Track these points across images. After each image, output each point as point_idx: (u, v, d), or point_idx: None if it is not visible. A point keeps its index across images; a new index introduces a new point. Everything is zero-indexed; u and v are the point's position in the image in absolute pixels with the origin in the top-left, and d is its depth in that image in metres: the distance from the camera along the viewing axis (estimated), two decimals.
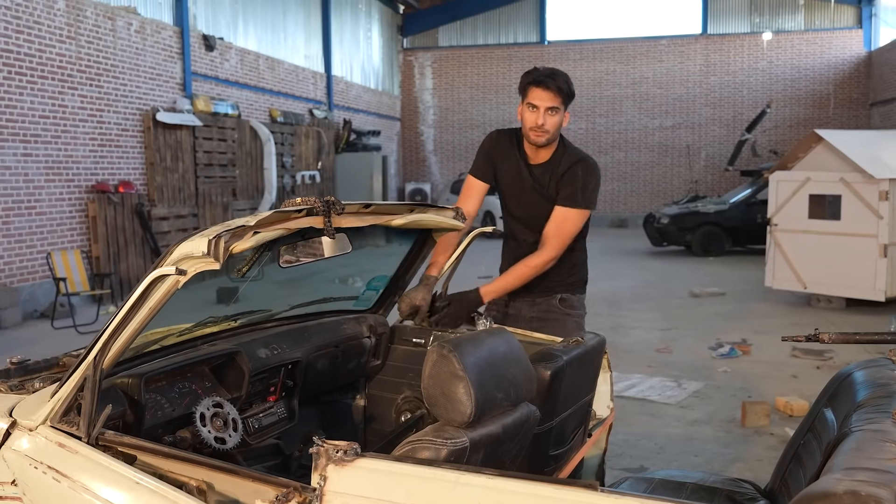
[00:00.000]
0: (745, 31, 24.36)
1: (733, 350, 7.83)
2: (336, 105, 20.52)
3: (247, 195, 15.42)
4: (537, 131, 3.37)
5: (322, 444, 1.83)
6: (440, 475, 1.72)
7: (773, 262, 10.58)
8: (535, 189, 3.47)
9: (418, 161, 26.38)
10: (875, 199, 9.43)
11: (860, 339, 2.60)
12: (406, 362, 3.48)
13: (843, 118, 23.55)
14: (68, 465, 2.15)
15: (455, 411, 1.97)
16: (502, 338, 2.21)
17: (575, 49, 25.28)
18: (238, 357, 2.84)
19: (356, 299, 3.71)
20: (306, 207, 2.43)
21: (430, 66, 26.22)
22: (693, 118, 24.53)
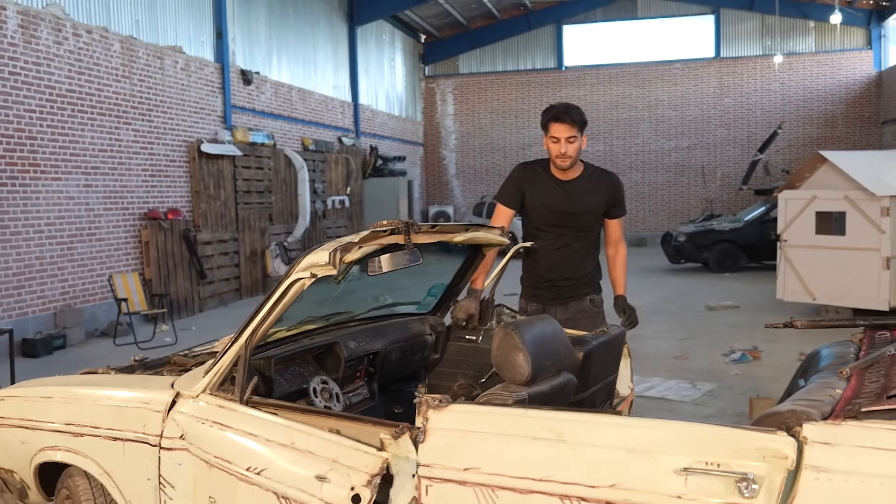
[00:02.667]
0: (757, 54, 25.09)
1: (744, 356, 8.50)
2: (363, 132, 21.43)
3: (282, 220, 16.27)
4: (562, 158, 4.15)
5: (422, 396, 2.58)
6: (511, 412, 2.47)
7: (783, 275, 11.23)
8: (573, 199, 4.24)
9: (441, 184, 27.22)
10: (877, 214, 10.07)
11: (825, 325, 3.33)
12: (460, 356, 4.24)
13: (855, 137, 24.16)
14: (230, 419, 2.92)
15: (517, 373, 2.73)
16: (549, 322, 2.97)
17: (591, 74, 26.09)
18: (336, 347, 3.62)
19: (419, 304, 4.46)
20: (391, 228, 3.20)
21: (451, 93, 27.13)
22: (708, 139, 25.23)
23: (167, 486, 3.10)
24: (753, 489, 2.03)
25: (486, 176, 26.83)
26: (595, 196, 4.27)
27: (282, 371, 3.41)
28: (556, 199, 4.26)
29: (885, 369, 2.61)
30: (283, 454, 2.73)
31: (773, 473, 2.03)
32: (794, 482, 2.00)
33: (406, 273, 4.45)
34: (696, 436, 2.18)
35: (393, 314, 4.29)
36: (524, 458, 2.34)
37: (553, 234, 4.31)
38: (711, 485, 2.09)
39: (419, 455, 2.50)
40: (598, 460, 2.25)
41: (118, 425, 3.28)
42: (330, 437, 2.65)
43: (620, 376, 3.90)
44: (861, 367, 2.66)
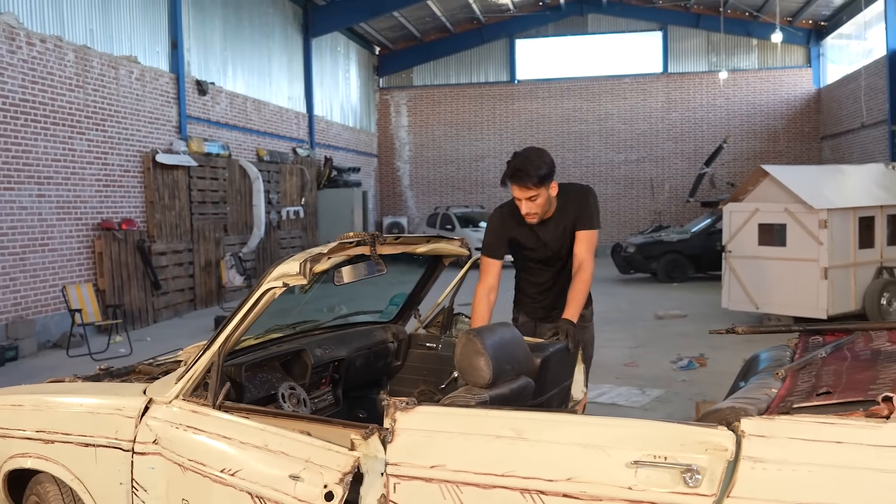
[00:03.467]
0: (703, 70, 25.79)
1: (692, 363, 8.80)
2: (318, 143, 21.50)
3: (237, 230, 16.24)
4: (528, 217, 4.02)
5: (390, 399, 2.73)
6: (474, 412, 2.63)
7: (728, 285, 11.60)
8: (550, 242, 4.14)
9: (395, 195, 27.36)
10: (815, 227, 10.48)
11: (764, 331, 3.57)
12: (421, 363, 4.40)
13: (796, 151, 24.96)
14: (204, 423, 3.03)
15: (479, 377, 2.89)
16: (509, 329, 3.14)
17: (543, 87, 26.52)
18: (303, 354, 3.75)
19: (381, 312, 4.61)
20: (358, 239, 3.35)
21: (405, 105, 27.32)
22: (656, 152, 25.81)
23: (140, 489, 3.20)
24: (697, 479, 2.22)
25: (440, 187, 27.06)
26: (565, 226, 4.13)
27: (251, 377, 3.53)
28: (534, 247, 4.18)
29: (816, 371, 2.84)
30: (256, 455, 2.85)
31: (715, 464, 2.22)
32: (733, 472, 2.20)
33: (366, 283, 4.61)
34: (645, 432, 2.36)
35: (357, 322, 4.43)
36: (487, 456, 2.51)
37: (538, 270, 4.28)
38: (659, 476, 2.27)
39: (387, 454, 2.64)
40: (555, 456, 2.42)
41: (90, 431, 3.36)
42: (302, 438, 2.78)
43: (574, 381, 4.08)
44: (795, 368, 2.89)
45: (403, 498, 2.60)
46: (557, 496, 2.38)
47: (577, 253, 4.11)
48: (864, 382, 2.51)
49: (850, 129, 21.96)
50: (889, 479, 2.04)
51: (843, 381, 2.60)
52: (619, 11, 25.98)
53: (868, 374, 2.61)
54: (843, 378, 2.65)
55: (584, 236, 4.12)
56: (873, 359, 2.87)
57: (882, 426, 2.12)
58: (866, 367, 2.75)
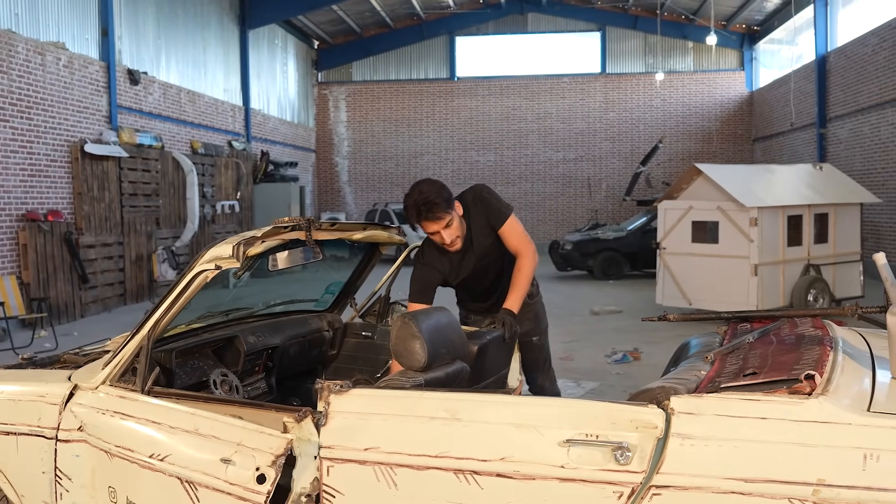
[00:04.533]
0: (640, 71, 26.25)
1: (626, 356, 8.96)
2: (254, 137, 21.22)
3: (170, 224, 15.94)
4: (450, 245, 3.86)
5: (324, 382, 2.72)
6: (409, 394, 2.64)
7: (662, 281, 11.84)
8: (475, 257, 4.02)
9: (333, 191, 27.19)
10: (746, 224, 10.77)
11: (695, 318, 3.65)
12: (356, 352, 4.40)
13: (729, 152, 25.59)
14: (132, 409, 2.97)
15: (413, 360, 2.90)
16: (445, 313, 3.15)
17: (483, 85, 26.65)
18: (237, 340, 3.70)
19: (316, 301, 4.58)
20: (293, 224, 3.32)
21: (344, 100, 27.16)
22: (594, 151, 26.18)
23: (63, 478, 3.12)
24: (627, 456, 2.27)
25: (378, 183, 26.98)
26: (482, 240, 4.00)
27: (182, 364, 3.47)
28: (466, 267, 4.03)
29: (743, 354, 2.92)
30: (186, 440, 2.81)
31: (645, 442, 2.27)
32: (663, 448, 2.25)
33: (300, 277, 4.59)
34: (577, 411, 2.40)
35: (291, 311, 4.40)
36: (421, 437, 2.51)
37: (477, 282, 4.14)
38: (591, 454, 2.31)
39: (321, 437, 2.63)
40: (489, 436, 2.44)
41: (11, 419, 3.26)
42: (234, 421, 2.75)
43: (511, 370, 4.12)
44: (723, 352, 2.97)
45: (337, 481, 2.59)
46: (491, 476, 2.40)
47: (510, 245, 4.04)
48: (789, 363, 2.60)
49: (781, 132, 22.62)
50: (810, 453, 2.12)
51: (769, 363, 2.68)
52: (558, 11, 26.28)
53: (792, 356, 2.70)
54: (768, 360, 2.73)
55: (506, 229, 4.01)
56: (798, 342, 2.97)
57: (804, 402, 2.20)
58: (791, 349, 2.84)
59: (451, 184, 19.23)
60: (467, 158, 26.58)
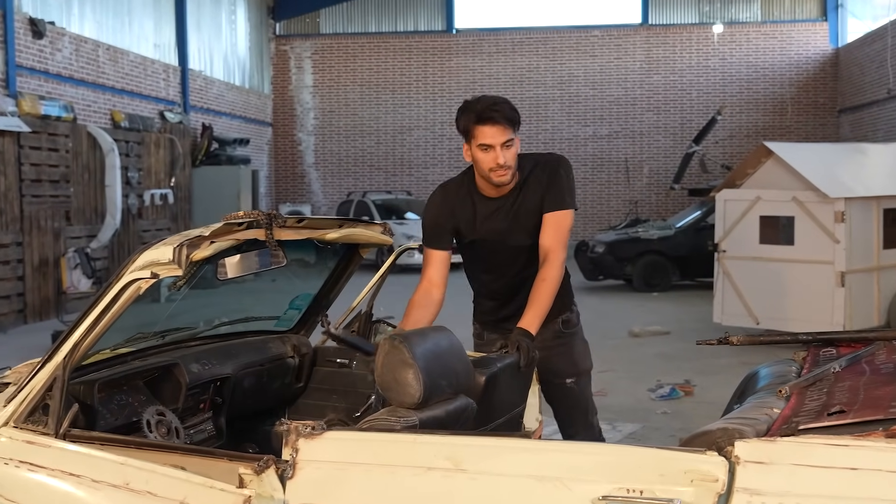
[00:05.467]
0: (692, 22, 26.38)
1: (675, 391, 9.01)
2: (193, 106, 21.28)
3: (84, 219, 15.97)
4: (500, 172, 3.95)
5: (290, 423, 2.75)
6: (400, 438, 2.67)
7: (721, 294, 11.89)
8: (510, 221, 4.10)
9: (295, 177, 27.24)
10: (830, 220, 10.81)
11: (764, 341, 3.71)
12: (330, 384, 4.43)
13: (808, 127, 25.69)
14: (43, 458, 3.01)
15: (406, 394, 2.94)
16: (445, 334, 3.19)
17: (489, 40, 26.72)
18: (176, 370, 3.74)
19: (278, 319, 4.62)
20: (249, 220, 3.36)
21: (309, 59, 27.22)
22: (633, 126, 26.26)
23: None
24: None
25: (354, 167, 27.04)
26: (530, 202, 4.09)
27: (107, 399, 3.51)
28: (490, 228, 4.13)
29: (827, 387, 2.97)
30: (115, 497, 2.84)
31: (703, 498, 2.31)
32: None
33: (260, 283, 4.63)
34: (616, 459, 2.44)
35: (246, 331, 4.43)
36: (416, 492, 2.55)
37: (497, 263, 4.23)
38: None
39: (287, 494, 2.66)
40: (502, 491, 2.48)
41: None
42: (175, 473, 2.78)
43: (528, 406, 4.16)
44: (802, 385, 3.01)
45: None
46: None
47: (543, 241, 4.06)
48: (886, 399, 2.64)
49: (875, 101, 22.68)
50: None
51: (860, 399, 2.72)
52: None
53: (890, 390, 2.74)
54: (859, 395, 2.77)
55: (551, 220, 4.06)
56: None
57: None
58: (888, 381, 2.88)
59: (448, 168, 19.46)
60: None
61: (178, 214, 19.26)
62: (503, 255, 4.19)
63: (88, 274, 15.16)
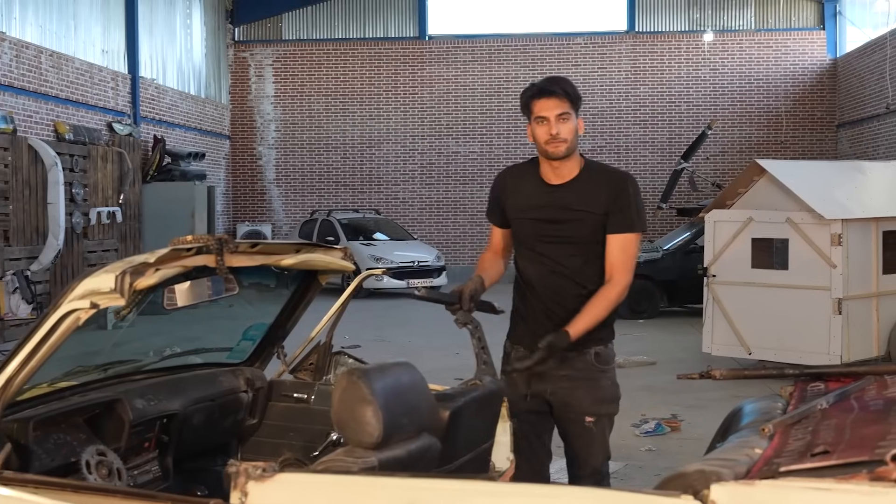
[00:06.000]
0: (681, 29, 26.56)
1: (660, 426, 9.06)
2: (144, 117, 21.22)
3: (23, 239, 15.87)
4: (554, 143, 4.24)
5: (239, 465, 2.77)
6: (357, 481, 2.70)
7: (711, 322, 11.94)
8: (560, 203, 4.33)
9: (255, 193, 27.19)
10: (826, 243, 10.89)
11: (749, 375, 3.76)
12: (286, 420, 4.44)
13: (805, 143, 25.89)
14: None
15: (364, 433, 2.96)
16: (407, 369, 3.22)
17: (465, 47, 26.82)
18: (118, 406, 3.74)
19: (230, 351, 4.63)
20: (198, 246, 3.39)
21: (270, 66, 27.22)
22: (617, 140, 26.40)
23: None
24: None
25: (319, 183, 27.02)
26: (590, 198, 4.30)
27: (42, 438, 3.51)
28: (534, 205, 4.38)
29: (813, 425, 3.00)
30: None
31: None
32: None
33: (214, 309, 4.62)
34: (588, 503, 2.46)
35: (196, 364, 4.44)
36: None
37: (541, 253, 4.40)
38: None
39: None
40: None
41: None
42: None
43: (498, 444, 4.19)
44: (786, 423, 3.05)
45: None
46: None
47: (610, 260, 4.32)
48: (872, 439, 2.67)
49: (875, 115, 22.91)
50: None
51: (846, 438, 2.76)
52: None
53: (878, 429, 2.78)
54: (846, 434, 2.81)
55: (617, 242, 4.31)
56: (886, 410, 3.05)
57: (891, 492, 2.27)
58: (877, 420, 2.92)
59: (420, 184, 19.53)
60: (443, 149, 26.69)
61: (127, 234, 19.17)
62: (542, 237, 4.38)
63: (28, 299, 15.07)
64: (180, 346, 5.11)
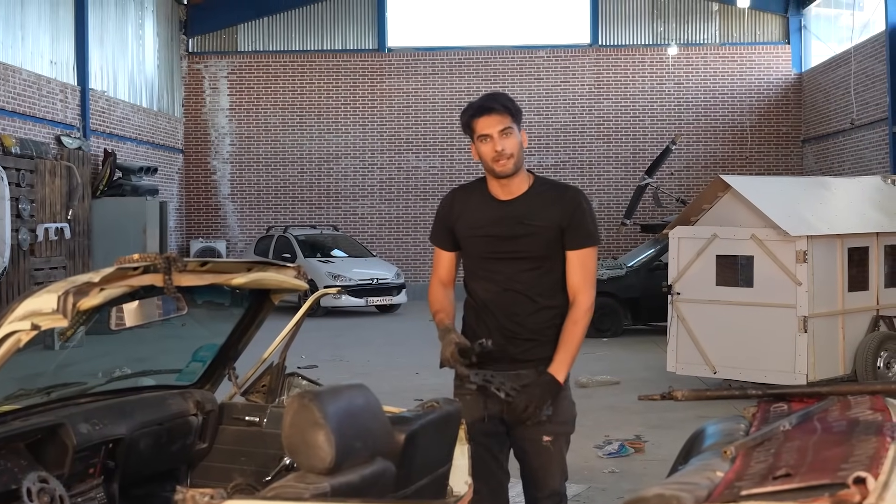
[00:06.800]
0: (645, 43, 26.77)
1: (624, 448, 9.08)
2: (94, 130, 21.07)
3: None
4: (500, 160, 4.28)
5: (186, 491, 2.74)
6: None
7: (675, 340, 11.98)
8: (511, 219, 4.35)
9: (209, 209, 27.06)
10: (792, 260, 10.99)
11: (711, 396, 3.77)
12: (237, 444, 4.41)
13: (770, 158, 26.16)
14: None
15: (316, 458, 2.94)
16: (360, 391, 3.21)
17: (425, 60, 26.89)
18: (62, 431, 3.69)
19: (179, 372, 4.59)
20: (145, 264, 3.36)
21: (225, 78, 27.15)
22: (580, 155, 26.54)
23: None
24: None
25: (276, 198, 26.94)
26: (542, 213, 4.34)
27: None
28: (487, 222, 4.40)
29: (776, 447, 3.02)
30: None
31: None
32: None
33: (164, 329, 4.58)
34: None
35: (143, 387, 4.40)
36: None
37: (494, 270, 4.41)
38: None
39: None
40: None
41: None
42: None
43: (455, 468, 4.18)
44: (749, 445, 3.06)
45: None
46: None
47: (571, 281, 4.36)
48: (834, 461, 2.69)
49: (841, 130, 23.19)
50: None
51: (809, 460, 2.77)
52: None
53: (840, 451, 2.80)
54: (808, 456, 2.82)
55: (577, 258, 4.37)
56: (849, 431, 3.07)
57: None
58: (839, 441, 2.94)
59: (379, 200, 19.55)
60: (403, 163, 26.70)
61: (75, 251, 19.00)
62: (493, 253, 4.40)
63: None
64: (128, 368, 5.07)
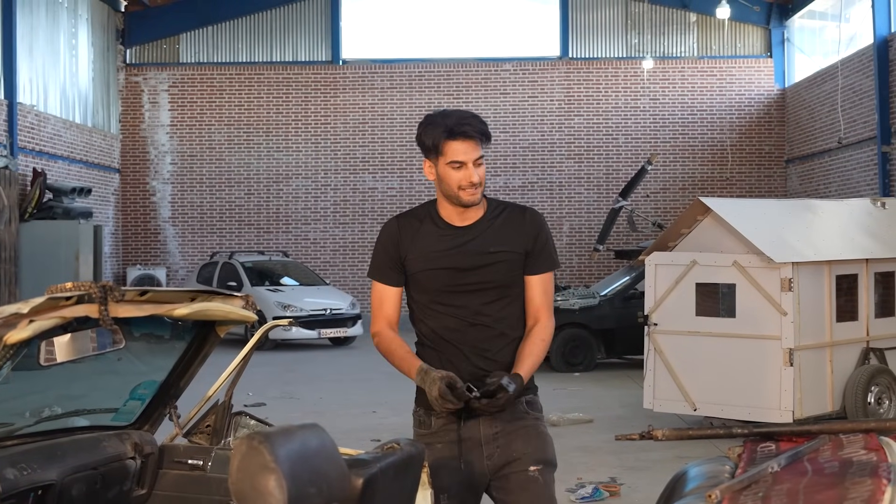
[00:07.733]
0: (619, 56, 26.95)
1: (598, 491, 9.07)
2: (22, 148, 20.92)
3: None
4: (470, 190, 4.24)
5: None
6: None
7: (652, 375, 11.98)
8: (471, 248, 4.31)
9: (147, 233, 26.91)
10: (776, 289, 11.03)
11: (693, 435, 3.77)
12: (179, 490, 4.37)
13: (752, 179, 26.36)
14: None
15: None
16: (314, 431, 3.17)
17: (382, 73, 26.94)
18: None
19: (116, 412, 4.53)
20: (79, 294, 3.32)
21: (166, 92, 27.07)
22: (550, 175, 26.64)
23: None
24: None
25: (220, 222, 26.83)
26: (505, 239, 4.33)
27: None
28: (447, 251, 4.32)
29: (764, 491, 3.02)
30: None
31: None
32: None
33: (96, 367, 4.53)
34: None
35: (75, 427, 4.34)
36: None
37: (454, 305, 4.35)
38: None
39: None
40: None
41: None
42: None
43: None
44: (735, 488, 3.05)
45: None
46: None
47: (532, 303, 4.38)
48: None
49: (827, 149, 23.39)
50: None
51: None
52: None
53: (833, 494, 2.81)
54: (799, 500, 2.83)
55: (539, 282, 4.39)
56: (842, 473, 3.08)
57: None
58: (832, 483, 2.94)
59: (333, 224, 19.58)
60: (358, 184, 26.68)
61: (1, 279, 18.84)
62: (454, 288, 4.32)
63: None
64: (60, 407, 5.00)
